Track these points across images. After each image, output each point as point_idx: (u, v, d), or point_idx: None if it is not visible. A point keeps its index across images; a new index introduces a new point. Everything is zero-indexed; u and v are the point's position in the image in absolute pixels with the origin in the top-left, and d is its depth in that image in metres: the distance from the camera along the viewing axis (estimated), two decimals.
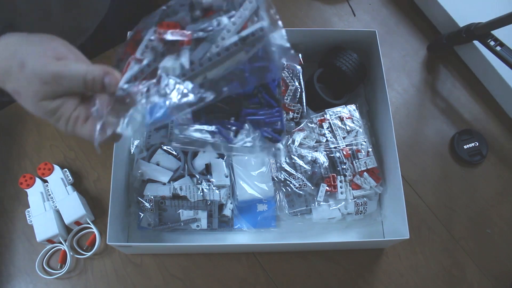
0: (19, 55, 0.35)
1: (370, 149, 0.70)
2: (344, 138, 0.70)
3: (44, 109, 0.38)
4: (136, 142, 0.71)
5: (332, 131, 0.71)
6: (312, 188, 0.67)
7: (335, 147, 0.69)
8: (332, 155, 0.69)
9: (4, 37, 0.37)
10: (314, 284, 0.68)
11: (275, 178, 0.68)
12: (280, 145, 0.51)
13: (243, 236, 0.69)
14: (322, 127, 0.71)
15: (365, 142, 0.70)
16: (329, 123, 0.71)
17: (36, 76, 0.35)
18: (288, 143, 0.69)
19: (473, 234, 0.73)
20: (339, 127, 0.71)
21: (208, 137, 0.48)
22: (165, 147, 0.69)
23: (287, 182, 0.67)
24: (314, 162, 0.68)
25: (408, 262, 0.70)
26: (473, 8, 0.83)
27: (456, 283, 0.70)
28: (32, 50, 0.36)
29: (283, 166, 0.68)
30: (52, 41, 0.38)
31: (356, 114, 0.73)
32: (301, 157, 0.68)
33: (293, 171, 0.68)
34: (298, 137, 0.69)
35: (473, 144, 0.78)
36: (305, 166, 0.68)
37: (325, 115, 0.72)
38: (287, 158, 0.69)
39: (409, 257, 0.71)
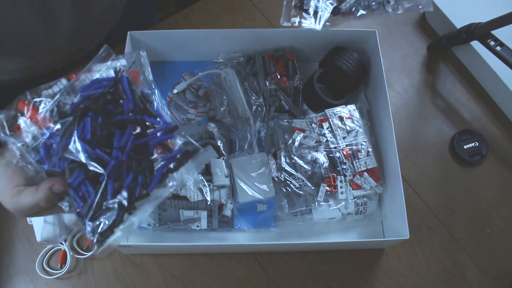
0: None
1: (370, 149, 0.70)
2: (344, 138, 0.70)
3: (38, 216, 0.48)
4: None
5: (332, 131, 0.71)
6: (312, 188, 0.67)
7: (335, 147, 0.69)
8: (332, 155, 0.69)
9: None
10: (314, 284, 0.68)
11: (275, 178, 0.68)
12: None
13: (243, 236, 0.69)
14: (322, 127, 0.71)
15: (365, 142, 0.70)
16: (329, 123, 0.71)
17: (6, 208, 0.46)
18: (288, 143, 0.69)
19: (473, 234, 0.73)
20: (339, 127, 0.71)
21: None
22: None
23: (287, 182, 0.67)
24: (314, 162, 0.68)
25: (408, 262, 0.70)
26: (470, 10, 0.83)
27: (456, 283, 0.70)
28: None
29: (283, 166, 0.68)
30: (11, 170, 0.46)
31: (356, 114, 0.73)
32: (301, 157, 0.68)
33: (293, 171, 0.68)
34: (298, 137, 0.69)
35: (473, 144, 0.78)
36: (305, 166, 0.68)
37: (325, 115, 0.72)
38: (287, 158, 0.69)
39: (409, 257, 0.71)
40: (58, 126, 0.45)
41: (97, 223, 0.42)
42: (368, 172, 0.69)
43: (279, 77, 0.74)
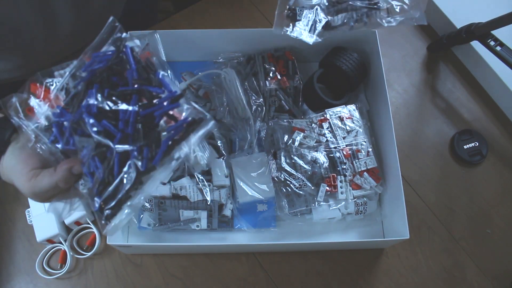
0: (9, 176, 0.47)
1: (370, 149, 0.70)
2: (344, 138, 0.70)
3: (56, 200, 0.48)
4: None
5: (332, 131, 0.71)
6: (312, 188, 0.67)
7: (335, 147, 0.69)
8: (332, 155, 0.69)
9: (4, 160, 0.46)
10: (314, 284, 0.68)
11: (275, 178, 0.68)
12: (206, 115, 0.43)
13: (243, 236, 0.69)
14: (322, 127, 0.71)
15: (365, 142, 0.70)
16: (329, 123, 0.71)
17: (23, 193, 0.46)
18: (288, 143, 0.69)
19: (473, 234, 0.73)
20: (339, 127, 0.71)
21: None
22: None
23: (287, 182, 0.67)
24: (314, 162, 0.68)
25: (408, 262, 0.70)
26: (470, 10, 0.83)
27: (456, 283, 0.70)
28: (14, 171, 0.46)
29: (283, 166, 0.68)
30: (26, 154, 0.46)
31: (356, 114, 0.73)
32: (301, 157, 0.68)
33: (293, 171, 0.68)
34: (298, 137, 0.69)
35: (473, 144, 0.78)
36: (305, 166, 0.68)
37: (325, 115, 0.72)
38: (287, 158, 0.69)
39: (409, 257, 0.71)
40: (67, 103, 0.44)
41: (105, 199, 0.41)
42: (368, 172, 0.69)
43: (279, 77, 0.74)
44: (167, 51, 0.78)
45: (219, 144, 0.71)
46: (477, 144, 0.78)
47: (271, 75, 0.75)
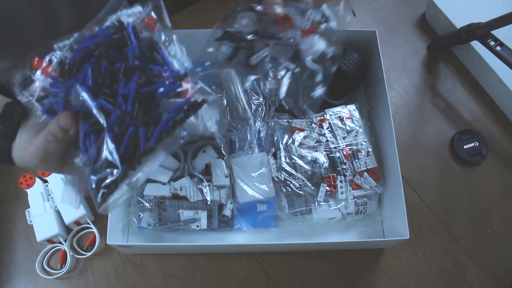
0: (20, 153, 0.45)
1: (370, 149, 0.70)
2: (344, 138, 0.70)
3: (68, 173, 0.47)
4: None
5: (332, 131, 0.71)
6: (312, 188, 0.67)
7: (335, 147, 0.69)
8: (332, 155, 0.69)
9: (16, 142, 0.46)
10: (314, 284, 0.68)
11: (275, 178, 0.68)
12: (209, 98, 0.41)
13: (243, 236, 0.69)
14: (322, 127, 0.71)
15: (365, 142, 0.70)
16: (329, 123, 0.71)
17: (32, 164, 0.44)
18: (288, 143, 0.69)
19: (473, 234, 0.73)
20: (339, 127, 0.71)
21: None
22: None
23: (287, 182, 0.67)
24: (314, 162, 0.68)
25: (408, 262, 0.70)
26: (470, 10, 0.83)
27: (456, 283, 0.70)
28: (23, 145, 0.45)
29: (283, 166, 0.68)
30: (32, 129, 0.45)
31: (356, 114, 0.73)
32: (301, 157, 0.68)
33: (293, 171, 0.68)
34: (298, 137, 0.69)
35: (473, 144, 0.78)
36: (305, 166, 0.68)
37: (325, 115, 0.72)
38: (287, 158, 0.69)
39: (409, 257, 0.71)
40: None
41: (101, 177, 0.40)
42: (368, 172, 0.69)
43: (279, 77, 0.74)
44: None
45: (219, 144, 0.71)
46: (477, 144, 0.78)
47: (271, 75, 0.75)
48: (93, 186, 0.41)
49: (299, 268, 0.69)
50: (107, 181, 0.40)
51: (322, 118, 0.72)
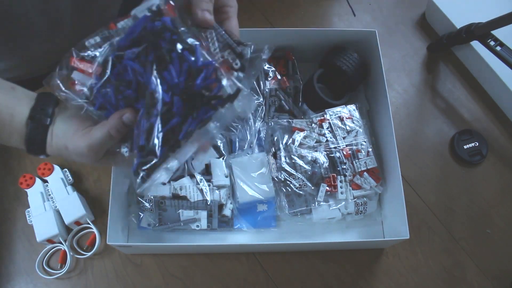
0: (62, 142, 0.46)
1: (370, 149, 0.70)
2: (344, 138, 0.70)
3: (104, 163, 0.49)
4: None
5: (332, 131, 0.71)
6: (312, 188, 0.67)
7: (335, 147, 0.69)
8: (332, 155, 0.69)
9: (54, 130, 0.46)
10: (314, 284, 0.68)
11: (275, 178, 0.68)
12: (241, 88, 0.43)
13: (243, 236, 0.69)
14: (322, 127, 0.71)
15: (365, 142, 0.70)
16: (329, 123, 0.71)
17: (77, 153, 0.46)
18: (288, 143, 0.69)
19: (473, 234, 0.73)
20: (339, 127, 0.71)
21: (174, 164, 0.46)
22: None
23: (287, 182, 0.67)
24: (314, 162, 0.68)
25: (408, 262, 0.70)
26: (470, 10, 0.84)
27: (456, 283, 0.70)
28: (68, 135, 0.46)
29: (283, 166, 0.68)
30: (78, 120, 0.47)
31: (356, 114, 0.73)
32: (301, 157, 0.68)
33: (293, 171, 0.68)
34: (298, 137, 0.69)
35: (473, 144, 0.78)
36: (305, 166, 0.68)
37: (325, 115, 0.72)
38: (287, 158, 0.69)
39: (409, 257, 0.71)
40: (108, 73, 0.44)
41: (143, 161, 0.42)
42: (368, 172, 0.69)
43: (279, 77, 0.74)
44: None
45: (219, 144, 0.71)
46: (477, 144, 0.78)
47: (271, 75, 0.75)
48: (135, 168, 0.43)
49: (299, 268, 0.69)
50: (147, 166, 0.42)
51: (322, 118, 0.72)
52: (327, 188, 0.67)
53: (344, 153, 0.69)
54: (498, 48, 0.74)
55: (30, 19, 0.57)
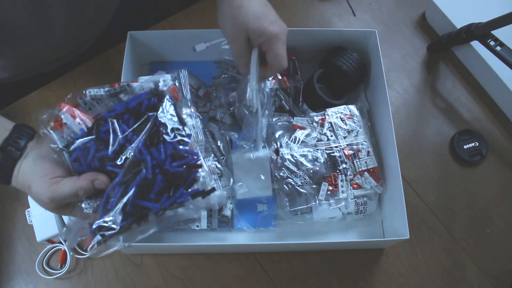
0: (27, 180, 0.46)
1: (370, 149, 0.70)
2: (344, 137, 0.70)
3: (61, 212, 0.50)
4: None
5: (333, 131, 0.71)
6: (314, 186, 0.67)
7: (336, 146, 0.69)
8: (333, 154, 0.69)
9: (22, 165, 0.47)
10: (314, 284, 0.68)
11: (277, 176, 0.68)
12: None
13: (243, 236, 0.69)
14: (323, 127, 0.71)
15: (365, 142, 0.70)
16: (330, 123, 0.71)
17: (38, 199, 0.47)
18: (290, 141, 0.69)
19: (473, 234, 0.73)
20: (340, 127, 0.71)
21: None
22: None
23: (289, 179, 0.67)
24: (315, 160, 0.68)
25: (408, 262, 0.70)
26: (470, 10, 0.84)
27: (456, 283, 0.70)
28: (35, 176, 0.46)
29: (284, 164, 0.68)
30: (49, 163, 0.47)
31: (357, 114, 0.73)
32: (303, 155, 0.68)
33: (295, 169, 0.68)
34: (300, 134, 0.69)
35: (473, 144, 0.78)
36: (306, 164, 0.68)
37: (325, 115, 0.72)
38: (288, 156, 0.68)
39: (409, 257, 0.71)
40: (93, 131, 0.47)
41: (104, 225, 0.43)
42: (369, 172, 0.69)
43: (279, 77, 0.74)
44: (167, 51, 0.79)
45: (219, 144, 0.70)
46: (477, 144, 0.78)
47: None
48: (92, 228, 0.44)
49: (299, 268, 0.69)
50: (108, 232, 0.44)
51: (323, 117, 0.72)
52: (329, 187, 0.67)
53: (345, 152, 0.69)
54: (498, 48, 0.74)
55: (22, 23, 0.57)
